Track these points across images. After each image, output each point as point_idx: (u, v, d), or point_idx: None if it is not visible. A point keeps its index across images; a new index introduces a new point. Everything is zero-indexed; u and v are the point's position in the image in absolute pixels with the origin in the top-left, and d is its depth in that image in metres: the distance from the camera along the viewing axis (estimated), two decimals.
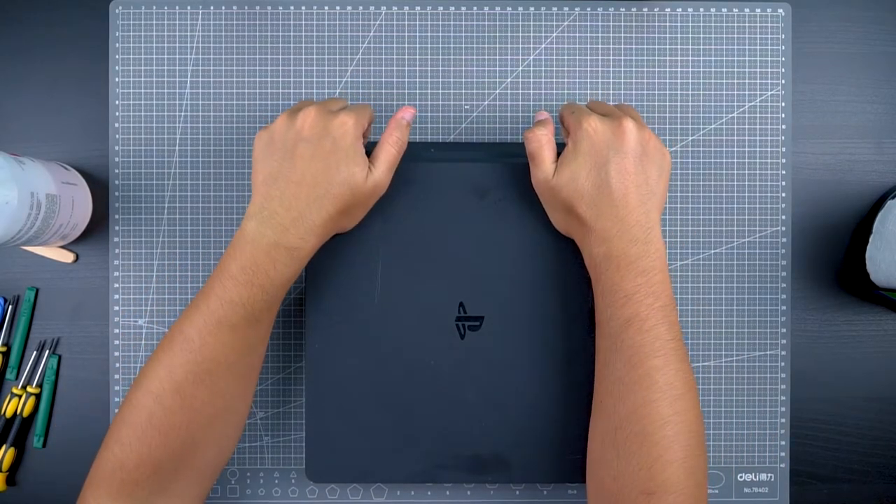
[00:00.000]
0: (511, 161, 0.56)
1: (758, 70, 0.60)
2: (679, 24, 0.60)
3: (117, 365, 0.59)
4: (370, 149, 0.52)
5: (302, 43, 0.60)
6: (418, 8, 0.60)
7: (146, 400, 0.47)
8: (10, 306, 0.60)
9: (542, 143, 0.51)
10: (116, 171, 0.60)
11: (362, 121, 0.50)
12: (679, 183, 0.60)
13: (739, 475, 0.60)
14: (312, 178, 0.48)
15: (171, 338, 0.48)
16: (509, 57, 0.60)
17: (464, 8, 0.60)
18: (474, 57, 0.60)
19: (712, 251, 0.60)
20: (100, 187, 0.60)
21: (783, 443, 0.60)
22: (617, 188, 0.48)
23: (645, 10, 0.60)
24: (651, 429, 0.45)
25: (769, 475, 0.60)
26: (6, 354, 0.60)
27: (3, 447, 0.59)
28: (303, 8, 0.60)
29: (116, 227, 0.60)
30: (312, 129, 0.49)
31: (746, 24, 0.60)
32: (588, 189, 0.48)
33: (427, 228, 0.55)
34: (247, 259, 0.47)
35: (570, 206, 0.49)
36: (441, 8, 0.60)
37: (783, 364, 0.60)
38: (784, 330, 0.60)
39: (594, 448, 0.49)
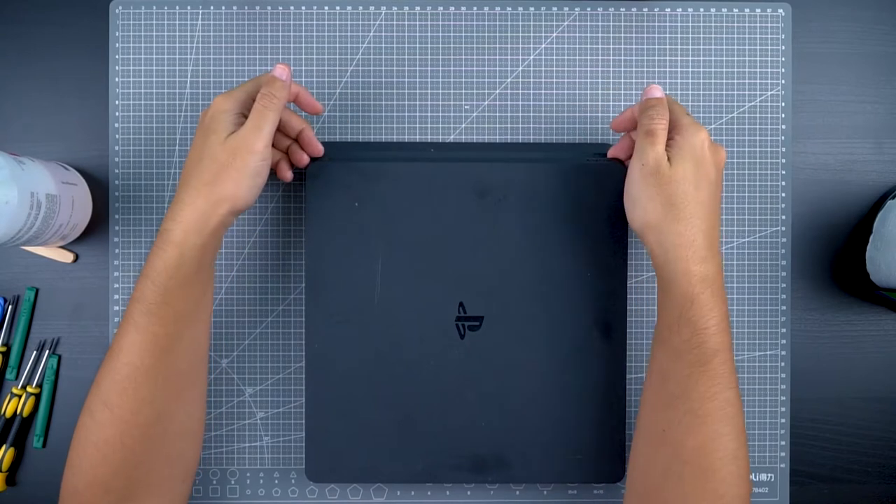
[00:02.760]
0: (511, 161, 0.56)
1: (758, 70, 0.60)
2: (679, 24, 0.60)
3: None
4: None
5: (302, 43, 0.60)
6: (418, 8, 0.60)
7: (84, 417, 0.48)
8: (10, 306, 0.60)
9: (665, 124, 0.49)
10: (116, 171, 0.60)
11: (235, 94, 0.50)
12: None
13: None
14: (187, 164, 0.50)
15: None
16: (509, 57, 0.60)
17: (464, 8, 0.60)
18: (474, 57, 0.60)
19: None
20: (100, 187, 0.60)
21: (783, 443, 0.60)
22: (714, 209, 0.48)
23: (645, 10, 0.60)
24: (720, 465, 0.45)
25: (769, 475, 0.60)
26: (6, 354, 0.60)
27: (3, 447, 0.59)
28: (303, 8, 0.60)
29: (116, 227, 0.60)
30: (197, 128, 0.51)
31: (746, 24, 0.60)
32: (696, 196, 0.47)
33: (427, 228, 0.55)
34: (148, 255, 0.49)
35: (679, 203, 0.47)
36: (441, 8, 0.60)
37: (783, 364, 0.60)
38: (784, 330, 0.60)
39: (653, 476, 0.47)
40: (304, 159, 0.55)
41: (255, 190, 0.50)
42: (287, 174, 0.56)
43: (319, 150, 0.55)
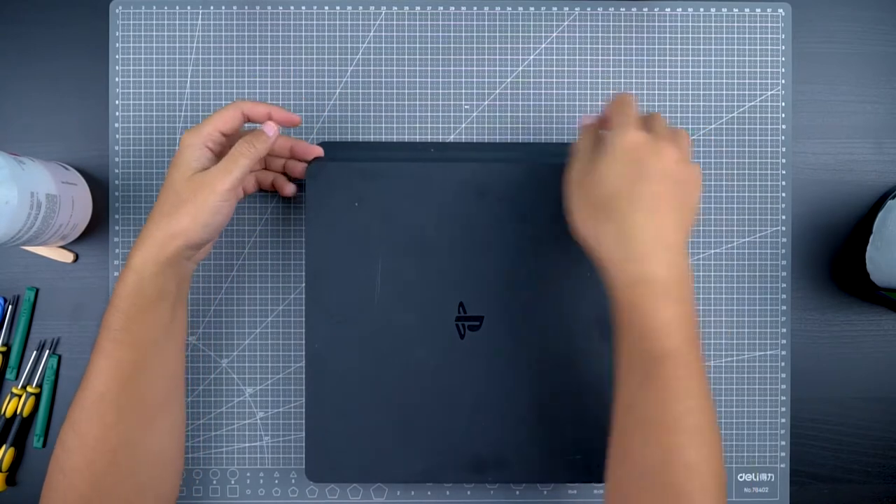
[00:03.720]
0: (511, 161, 0.56)
1: (758, 70, 0.60)
2: (679, 24, 0.60)
3: None
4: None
5: (302, 43, 0.60)
6: (418, 8, 0.60)
7: (56, 446, 0.49)
8: (10, 306, 0.60)
9: (582, 144, 0.49)
10: (116, 171, 0.60)
11: (200, 129, 0.50)
12: None
13: (739, 475, 0.60)
14: (158, 196, 0.50)
15: None
16: (509, 57, 0.60)
17: (464, 8, 0.60)
18: (474, 57, 0.60)
19: (712, 251, 0.60)
20: (100, 187, 0.60)
21: (783, 443, 0.60)
22: (651, 208, 0.45)
23: (645, 10, 0.60)
24: (680, 480, 0.42)
25: (769, 475, 0.60)
26: (6, 354, 0.60)
27: (3, 447, 0.59)
28: (303, 8, 0.60)
29: (116, 227, 0.60)
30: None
31: (746, 24, 0.60)
32: (629, 192, 0.45)
33: (427, 228, 0.55)
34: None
35: (606, 203, 0.46)
36: (441, 8, 0.60)
37: (783, 364, 0.60)
38: (784, 330, 0.60)
39: (616, 489, 0.45)
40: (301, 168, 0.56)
41: (213, 228, 0.50)
42: (287, 188, 0.57)
43: (319, 151, 0.55)
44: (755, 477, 0.60)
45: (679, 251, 0.46)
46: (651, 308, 0.44)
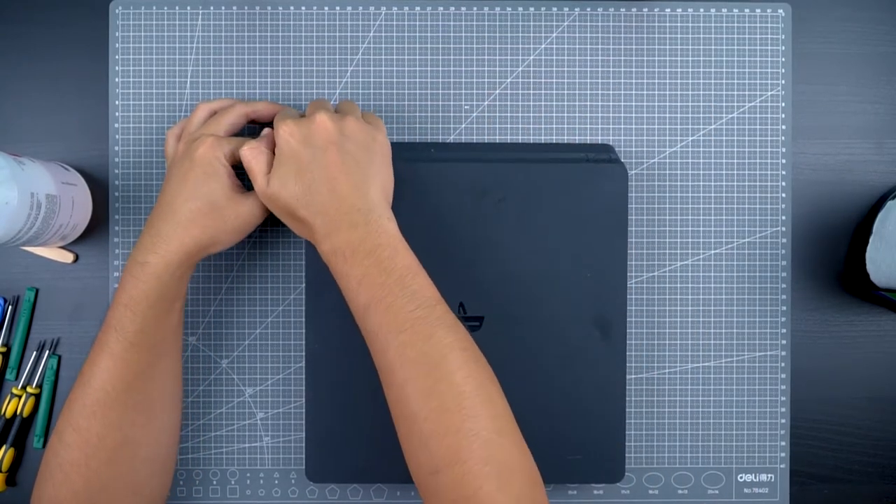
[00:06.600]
0: (511, 161, 0.56)
1: (758, 70, 0.60)
2: (679, 24, 0.60)
3: None
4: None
5: (302, 43, 0.60)
6: (418, 8, 0.60)
7: (52, 440, 0.49)
8: (10, 306, 0.60)
9: (247, 157, 0.51)
10: (116, 171, 0.60)
11: (230, 146, 0.51)
12: (679, 183, 0.60)
13: (739, 475, 0.60)
14: (171, 197, 0.50)
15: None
16: (509, 57, 0.60)
17: (464, 8, 0.60)
18: (474, 57, 0.60)
19: (712, 251, 0.60)
20: (100, 187, 0.60)
21: (783, 443, 0.60)
22: (325, 182, 0.48)
23: (645, 10, 0.60)
24: (416, 408, 0.44)
25: (769, 475, 0.60)
26: (6, 355, 0.60)
27: (3, 447, 0.59)
28: (303, 8, 0.60)
29: (116, 227, 0.60)
30: (180, 153, 0.52)
31: (746, 24, 0.60)
32: (300, 191, 0.49)
33: (427, 228, 0.55)
34: (120, 282, 0.50)
35: (290, 211, 0.49)
36: (441, 8, 0.60)
37: (783, 364, 0.60)
38: (784, 330, 0.60)
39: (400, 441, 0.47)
40: None
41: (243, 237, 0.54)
42: None
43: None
44: (755, 477, 0.60)
45: (362, 208, 0.48)
46: (343, 272, 0.48)
